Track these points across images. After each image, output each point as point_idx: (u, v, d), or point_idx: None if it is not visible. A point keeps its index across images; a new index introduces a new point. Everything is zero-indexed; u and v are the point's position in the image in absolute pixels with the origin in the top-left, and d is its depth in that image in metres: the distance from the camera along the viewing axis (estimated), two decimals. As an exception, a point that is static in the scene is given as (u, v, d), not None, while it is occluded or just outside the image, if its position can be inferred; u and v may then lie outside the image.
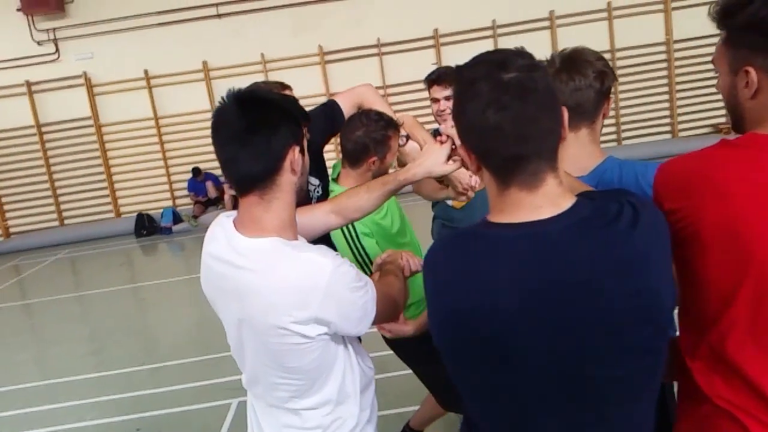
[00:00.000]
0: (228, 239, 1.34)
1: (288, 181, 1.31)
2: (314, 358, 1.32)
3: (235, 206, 7.38)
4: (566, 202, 0.98)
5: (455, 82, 1.03)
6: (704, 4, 8.10)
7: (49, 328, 6.23)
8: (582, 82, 1.47)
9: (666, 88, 11.11)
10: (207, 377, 4.24)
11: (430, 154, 1.55)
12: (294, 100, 1.38)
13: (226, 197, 10.56)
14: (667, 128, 11.27)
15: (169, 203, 11.21)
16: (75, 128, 11.08)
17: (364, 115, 2.22)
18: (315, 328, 1.27)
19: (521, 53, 0.97)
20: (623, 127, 11.11)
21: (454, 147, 1.51)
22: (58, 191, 11.32)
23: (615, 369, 0.95)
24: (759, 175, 1.05)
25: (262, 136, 1.25)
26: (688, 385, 1.17)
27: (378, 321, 1.42)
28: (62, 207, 11.37)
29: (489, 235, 1.00)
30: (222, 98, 1.30)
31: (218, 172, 10.99)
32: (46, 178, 11.21)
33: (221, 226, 1.40)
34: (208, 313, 5.27)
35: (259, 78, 10.53)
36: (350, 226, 2.20)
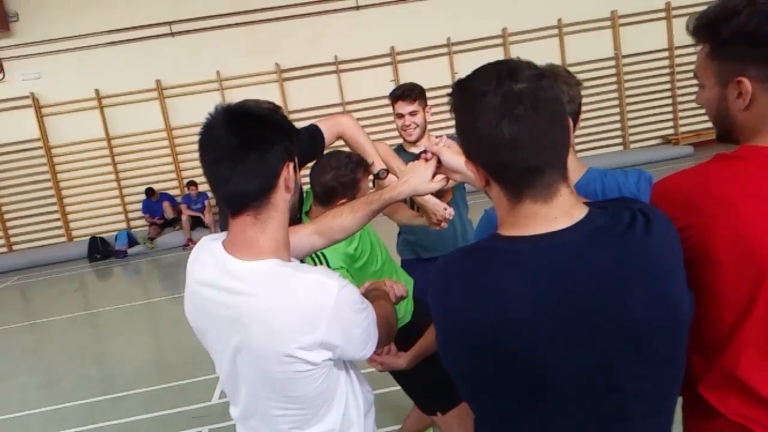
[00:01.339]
0: (219, 264, 1.27)
1: (282, 198, 1.26)
2: (317, 385, 1.26)
3: (193, 226, 7.17)
4: (579, 212, 0.97)
5: (459, 95, 0.99)
6: (650, 20, 8.51)
7: (-1, 360, 5.94)
8: (572, 92, 1.49)
9: (617, 102, 11.47)
10: (173, 405, 4.09)
11: (415, 171, 1.52)
12: (284, 116, 1.33)
13: (184, 218, 10.31)
14: (619, 140, 11.62)
15: (124, 225, 10.90)
16: (23, 150, 10.70)
17: (334, 157, 2.20)
18: (320, 353, 1.23)
19: (526, 63, 0.96)
20: (576, 140, 11.25)
21: (439, 164, 1.49)
22: (6, 216, 10.88)
23: (640, 381, 0.94)
24: (767, 188, 1.04)
25: (256, 153, 1.20)
26: (695, 402, 1.15)
27: (378, 345, 1.38)
28: (10, 232, 10.92)
29: (502, 249, 0.97)
30: (209, 114, 1.24)
31: (175, 192, 10.78)
32: (-8, 202, 10.78)
33: (208, 250, 1.32)
34: (170, 338, 5.10)
35: (216, 97, 10.43)
36: (324, 261, 2.17)
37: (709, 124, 1.24)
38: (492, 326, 0.93)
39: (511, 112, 0.91)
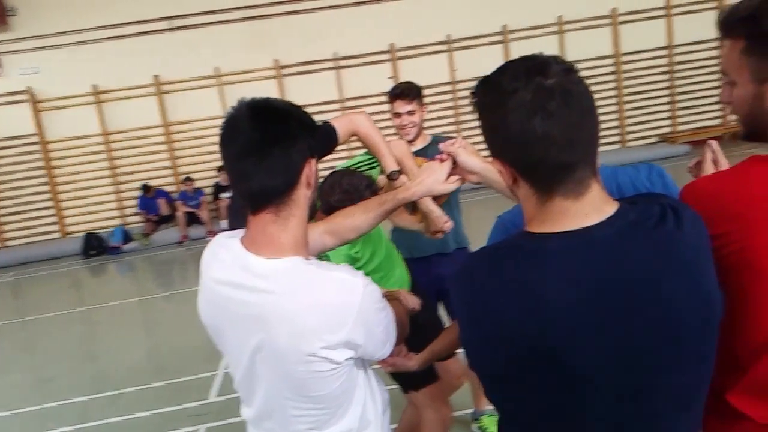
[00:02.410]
0: (239, 261, 1.24)
1: (304, 195, 1.25)
2: (338, 385, 1.25)
3: (189, 223, 7.22)
4: (610, 208, 0.95)
5: (486, 93, 0.97)
6: (648, 18, 8.53)
7: (-8, 357, 5.88)
8: None
9: (615, 100, 11.44)
10: (170, 404, 4.04)
11: (431, 172, 1.50)
12: (306, 112, 1.31)
13: (179, 214, 10.24)
14: (617, 138, 11.60)
15: (118, 222, 10.82)
16: (18, 145, 10.59)
17: (346, 177, 2.22)
18: (343, 352, 1.21)
19: (553, 57, 0.94)
20: (576, 138, 11.35)
21: (454, 165, 1.47)
22: (0, 211, 10.79)
23: (677, 376, 0.93)
24: None
25: (280, 148, 1.18)
26: (719, 404, 1.11)
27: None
28: (4, 228, 10.82)
29: (534, 246, 0.95)
30: (232, 108, 1.22)
31: (171, 188, 10.71)
32: (-14, 197, 10.69)
33: (225, 247, 1.30)
34: (166, 336, 5.08)
35: (214, 93, 10.39)
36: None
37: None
38: (526, 324, 0.92)
39: (544, 108, 0.89)
